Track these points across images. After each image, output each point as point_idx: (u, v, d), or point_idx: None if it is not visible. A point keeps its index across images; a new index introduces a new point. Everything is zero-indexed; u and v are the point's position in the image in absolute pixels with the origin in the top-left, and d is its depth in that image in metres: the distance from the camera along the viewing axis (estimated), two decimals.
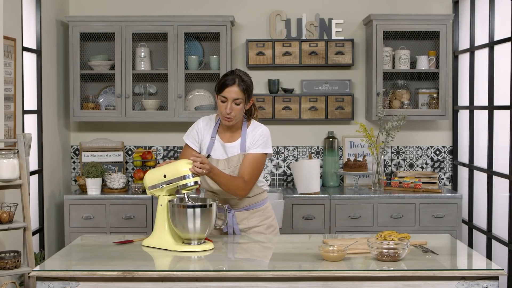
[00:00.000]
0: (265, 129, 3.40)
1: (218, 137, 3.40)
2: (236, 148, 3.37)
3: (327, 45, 5.18)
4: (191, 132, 3.46)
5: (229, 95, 3.26)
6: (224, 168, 3.33)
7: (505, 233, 4.39)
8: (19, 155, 3.67)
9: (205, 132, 3.42)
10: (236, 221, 3.39)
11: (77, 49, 5.03)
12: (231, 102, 3.26)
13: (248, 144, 3.36)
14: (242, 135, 3.38)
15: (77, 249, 3.06)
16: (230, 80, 3.27)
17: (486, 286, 2.62)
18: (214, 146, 3.38)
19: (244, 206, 3.40)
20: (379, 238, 3.01)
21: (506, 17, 4.37)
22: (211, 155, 3.36)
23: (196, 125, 3.46)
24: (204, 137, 3.42)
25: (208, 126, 3.44)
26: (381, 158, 5.12)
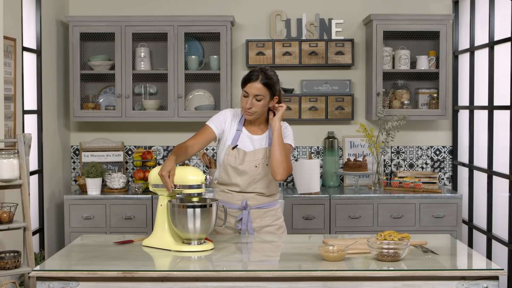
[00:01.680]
0: (287, 124, 3.49)
1: (245, 129, 3.40)
2: (263, 140, 3.40)
3: (327, 45, 5.18)
4: (218, 117, 3.42)
5: (250, 90, 3.28)
6: (250, 160, 3.34)
7: (505, 233, 4.39)
8: (19, 155, 3.67)
9: (232, 123, 3.41)
10: (250, 219, 3.39)
11: (77, 49, 5.03)
12: (252, 97, 3.28)
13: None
14: (269, 129, 3.40)
15: (77, 249, 3.06)
16: (254, 76, 3.29)
17: (486, 286, 2.62)
18: (240, 138, 3.38)
19: (259, 204, 3.41)
20: (379, 238, 3.01)
21: (506, 17, 4.37)
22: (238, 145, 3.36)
23: (224, 112, 3.44)
24: (230, 128, 3.40)
25: (235, 118, 3.43)
26: (381, 158, 5.12)
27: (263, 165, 3.35)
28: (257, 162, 3.35)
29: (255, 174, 3.35)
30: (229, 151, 3.36)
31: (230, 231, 3.40)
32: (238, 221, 3.38)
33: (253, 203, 3.40)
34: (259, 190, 3.39)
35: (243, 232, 3.38)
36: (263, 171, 3.36)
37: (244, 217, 3.37)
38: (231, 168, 3.35)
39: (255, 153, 3.36)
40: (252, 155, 3.35)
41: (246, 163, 3.33)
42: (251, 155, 3.35)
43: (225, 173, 3.38)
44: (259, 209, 3.42)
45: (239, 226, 3.38)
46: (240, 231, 3.39)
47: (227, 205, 3.37)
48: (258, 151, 3.36)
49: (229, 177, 3.38)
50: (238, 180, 3.35)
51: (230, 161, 3.35)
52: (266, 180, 3.39)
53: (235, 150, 3.35)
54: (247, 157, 3.34)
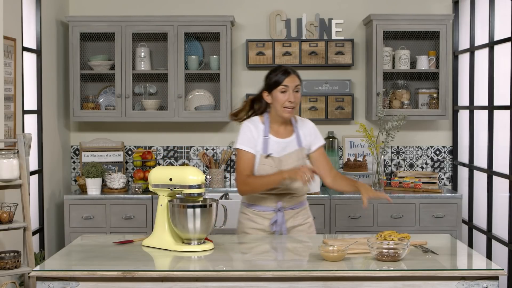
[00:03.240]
0: (311, 121, 3.53)
1: (271, 135, 3.38)
2: (293, 143, 3.40)
3: (327, 45, 5.18)
4: (245, 137, 3.37)
5: (291, 83, 3.29)
6: (286, 165, 3.33)
7: (505, 233, 4.39)
8: (19, 155, 3.67)
9: (257, 133, 3.38)
10: (284, 220, 3.40)
11: (77, 49, 5.03)
12: (292, 90, 3.30)
13: (307, 140, 3.43)
14: (295, 130, 3.42)
15: (77, 249, 3.06)
16: (286, 72, 3.32)
17: (486, 286, 2.62)
18: (269, 145, 3.36)
19: (292, 205, 3.43)
20: (379, 238, 3.01)
21: (506, 17, 4.37)
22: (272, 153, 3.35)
23: (247, 129, 3.38)
24: (258, 138, 3.37)
25: (258, 127, 3.39)
26: (381, 158, 5.12)
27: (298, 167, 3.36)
28: (292, 165, 3.34)
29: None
30: (263, 159, 3.34)
31: (263, 233, 3.41)
32: (273, 224, 3.39)
33: (287, 204, 3.41)
34: (293, 191, 3.41)
35: (277, 233, 3.39)
36: None
37: (279, 219, 3.39)
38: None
39: (289, 157, 3.36)
40: (287, 159, 3.35)
41: (283, 169, 3.32)
42: (286, 160, 3.35)
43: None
44: (293, 210, 3.44)
45: (273, 228, 3.39)
46: (275, 233, 3.40)
47: (261, 208, 3.39)
48: (291, 155, 3.36)
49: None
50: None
51: (267, 170, 3.33)
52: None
53: (269, 159, 3.33)
54: (283, 162, 3.34)
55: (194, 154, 5.40)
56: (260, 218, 3.41)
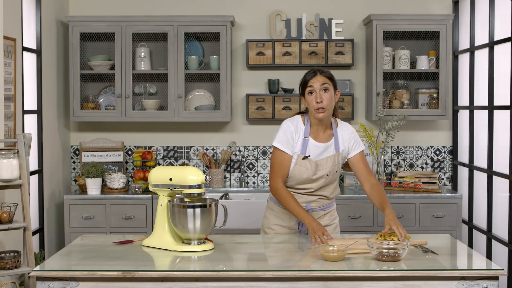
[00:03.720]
0: (351, 126, 3.46)
1: (311, 138, 3.34)
2: (331, 147, 3.35)
3: (327, 45, 5.18)
4: (284, 136, 3.33)
5: (315, 84, 3.24)
6: (322, 169, 3.32)
7: (505, 233, 4.39)
8: (19, 155, 3.67)
9: (297, 134, 3.34)
10: None
11: (77, 49, 5.03)
12: (319, 90, 3.23)
13: (345, 145, 3.37)
14: (335, 135, 3.36)
15: (77, 249, 3.06)
16: (312, 73, 3.28)
17: (486, 286, 2.62)
18: (308, 146, 3.32)
19: (321, 206, 3.43)
20: (379, 238, 3.01)
21: (506, 17, 4.37)
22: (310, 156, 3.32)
23: (287, 128, 3.34)
24: (298, 139, 3.33)
25: (298, 127, 3.35)
26: (381, 158, 5.12)
27: (333, 172, 3.36)
28: (328, 170, 3.33)
29: (326, 181, 3.36)
30: (300, 161, 3.31)
31: (288, 231, 3.41)
32: (299, 223, 3.39)
33: (316, 205, 3.42)
34: (324, 194, 3.41)
35: (303, 233, 3.39)
36: (333, 178, 3.38)
37: None
38: (303, 178, 3.34)
39: (326, 161, 3.33)
40: (323, 164, 3.33)
41: (319, 173, 3.32)
42: (322, 164, 3.32)
43: (294, 180, 3.36)
44: (320, 211, 3.44)
45: (299, 228, 3.39)
46: (300, 232, 3.40)
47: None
48: (328, 160, 3.34)
49: (299, 184, 3.37)
50: (311, 185, 3.36)
51: (302, 172, 3.31)
52: (334, 185, 3.42)
53: (306, 161, 3.31)
54: (319, 166, 3.32)
55: (194, 154, 5.40)
56: (287, 217, 3.41)
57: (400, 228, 3.03)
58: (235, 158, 5.38)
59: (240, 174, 5.37)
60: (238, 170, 5.38)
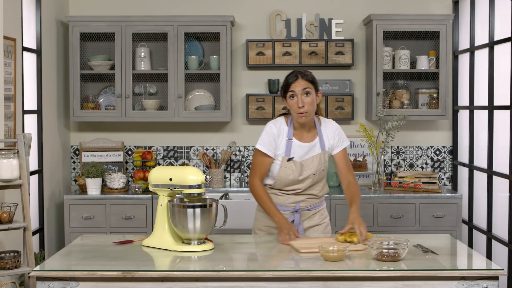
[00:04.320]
0: (335, 122, 3.48)
1: (295, 139, 3.35)
2: (316, 146, 3.37)
3: (327, 45, 5.18)
4: (267, 139, 3.35)
5: (297, 88, 3.25)
6: (308, 169, 3.33)
7: (505, 233, 4.39)
8: (19, 155, 3.67)
9: (280, 136, 3.35)
10: (301, 221, 3.41)
11: (77, 49, 5.03)
12: (301, 94, 3.25)
13: (330, 143, 3.40)
14: (319, 133, 3.39)
15: (77, 249, 3.06)
16: (293, 76, 3.29)
17: (486, 286, 2.63)
18: (292, 148, 3.34)
19: (310, 206, 3.44)
20: (339, 238, 3.06)
21: (506, 17, 4.37)
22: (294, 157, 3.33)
23: (270, 130, 3.36)
24: (281, 141, 3.35)
25: (282, 129, 3.37)
26: (381, 158, 5.12)
27: (319, 171, 3.37)
28: (314, 169, 3.35)
29: (313, 181, 3.37)
30: (285, 163, 3.33)
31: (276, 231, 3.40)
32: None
33: (305, 205, 3.43)
34: (313, 192, 3.42)
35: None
36: (320, 176, 3.39)
37: (296, 220, 3.40)
38: (289, 180, 3.35)
39: (311, 161, 3.35)
40: (308, 164, 3.34)
41: (305, 173, 3.34)
42: (308, 164, 3.34)
43: (281, 183, 3.37)
44: (310, 211, 3.45)
45: None
46: None
47: (279, 207, 3.37)
48: (313, 159, 3.35)
49: (286, 186, 3.38)
50: (298, 186, 3.37)
51: (288, 174, 3.33)
52: (322, 183, 3.43)
53: (291, 162, 3.32)
54: (304, 167, 3.33)
55: (194, 154, 5.40)
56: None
57: (362, 228, 3.08)
58: (235, 158, 5.38)
59: (240, 174, 5.37)
60: (238, 170, 5.38)
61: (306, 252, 2.90)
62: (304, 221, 3.44)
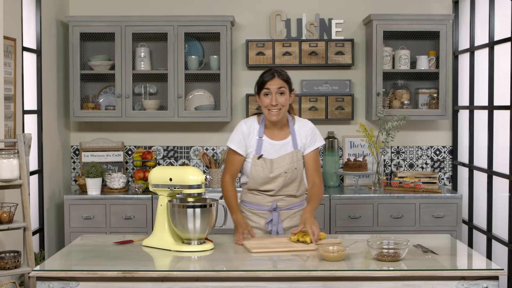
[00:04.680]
0: (310, 122, 3.49)
1: (266, 136, 3.38)
2: (288, 145, 3.39)
3: (327, 45, 5.18)
4: (236, 136, 3.41)
5: (272, 86, 3.30)
6: (279, 167, 3.34)
7: (505, 233, 4.39)
8: (19, 155, 3.67)
9: (250, 134, 3.39)
10: (280, 220, 3.41)
11: (77, 49, 5.03)
12: (275, 93, 3.30)
13: (303, 142, 3.41)
14: (292, 132, 3.40)
15: (77, 249, 3.06)
16: (270, 75, 3.33)
17: (486, 286, 2.63)
18: (263, 146, 3.36)
19: (289, 205, 3.44)
20: (292, 238, 3.07)
21: (506, 17, 4.37)
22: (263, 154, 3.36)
23: (239, 128, 3.42)
24: (251, 139, 3.39)
25: (252, 127, 3.41)
26: (381, 158, 5.12)
27: (292, 169, 3.37)
28: (285, 168, 3.35)
29: (285, 179, 3.37)
30: (255, 160, 3.35)
31: (259, 231, 3.42)
32: (268, 223, 3.40)
33: (283, 204, 3.43)
34: (289, 193, 3.42)
35: (274, 233, 3.40)
36: (293, 175, 3.38)
37: (274, 219, 3.40)
38: (261, 178, 3.36)
39: (283, 159, 3.36)
40: (279, 162, 3.35)
41: (275, 171, 3.34)
42: (279, 162, 3.35)
43: (254, 181, 3.38)
44: (289, 210, 3.45)
45: (269, 227, 3.41)
46: (271, 232, 3.41)
47: (257, 206, 3.40)
48: (285, 157, 3.36)
49: (260, 185, 3.39)
50: (271, 186, 3.37)
51: (259, 171, 3.35)
52: (297, 182, 3.42)
53: (261, 160, 3.34)
54: (275, 164, 3.34)
55: (194, 154, 5.40)
56: (256, 217, 3.43)
57: (314, 227, 3.11)
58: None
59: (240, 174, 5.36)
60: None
61: (257, 252, 2.91)
62: (284, 220, 3.43)
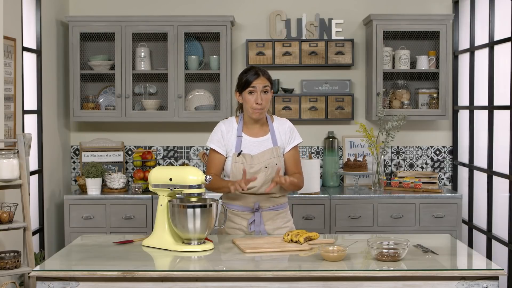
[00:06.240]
0: (289, 121, 3.53)
1: (245, 134, 3.42)
2: (268, 141, 3.42)
3: (327, 45, 5.18)
4: (215, 136, 3.45)
5: (259, 85, 3.33)
6: (259, 162, 3.36)
7: (505, 233, 4.39)
8: (19, 155, 3.67)
9: (229, 133, 3.43)
10: (263, 221, 3.41)
11: (77, 49, 5.03)
12: (260, 91, 3.33)
13: (282, 140, 3.44)
14: (271, 130, 3.44)
15: (77, 249, 3.06)
16: (254, 74, 3.35)
17: (486, 286, 2.63)
18: (242, 144, 3.40)
19: (271, 206, 3.44)
20: (285, 238, 3.05)
21: (506, 17, 4.37)
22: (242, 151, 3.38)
23: (218, 128, 3.46)
24: (230, 138, 3.42)
25: (231, 127, 3.45)
26: (381, 158, 5.12)
27: (272, 165, 3.38)
28: (266, 163, 3.37)
29: (266, 175, 3.37)
30: (235, 158, 3.37)
31: (241, 233, 3.41)
32: (251, 223, 3.40)
33: (266, 205, 3.42)
34: (271, 191, 3.40)
35: (257, 233, 3.39)
36: (273, 170, 3.38)
37: (256, 219, 3.40)
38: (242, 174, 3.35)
39: (262, 155, 3.38)
40: (259, 157, 3.37)
41: (256, 166, 3.36)
42: (258, 158, 3.37)
43: (235, 179, 3.37)
44: (271, 211, 3.44)
45: (252, 228, 3.40)
46: (254, 233, 3.40)
47: (239, 208, 3.41)
48: (264, 153, 3.38)
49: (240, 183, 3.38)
50: (253, 183, 3.36)
51: (239, 168, 3.36)
52: None
53: (241, 156, 3.37)
54: (255, 159, 3.37)
55: (194, 154, 5.40)
56: (239, 218, 3.43)
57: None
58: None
59: None
60: None
61: (251, 252, 2.91)
62: (267, 222, 3.42)
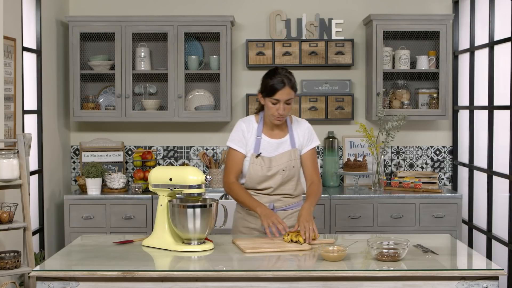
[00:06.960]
0: (307, 122, 3.51)
1: (264, 135, 3.40)
2: (286, 143, 3.41)
3: (327, 45, 5.18)
4: (236, 135, 3.42)
5: (282, 97, 3.28)
6: (277, 165, 3.35)
7: (505, 233, 4.39)
8: (19, 155, 3.67)
9: (249, 132, 3.41)
10: None
11: (77, 49, 5.03)
12: (283, 103, 3.29)
13: (300, 141, 3.43)
14: (290, 131, 3.43)
15: (77, 249, 3.06)
16: (280, 83, 3.27)
17: (486, 286, 2.63)
18: (261, 145, 3.38)
19: (286, 206, 3.44)
20: (285, 238, 3.04)
21: (506, 17, 4.37)
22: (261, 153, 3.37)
23: (239, 127, 3.43)
24: (250, 138, 3.40)
25: (251, 126, 3.42)
26: (381, 158, 5.12)
27: (289, 167, 3.37)
28: (283, 165, 3.36)
29: (283, 177, 3.37)
30: (253, 159, 3.36)
31: (256, 232, 3.41)
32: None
33: (280, 205, 3.42)
34: (287, 192, 3.42)
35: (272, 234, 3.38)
36: (290, 173, 3.38)
37: None
38: (258, 176, 3.36)
39: (280, 157, 3.37)
40: (277, 160, 3.36)
41: (273, 168, 3.35)
42: (277, 160, 3.36)
43: (252, 180, 3.38)
44: (286, 211, 3.44)
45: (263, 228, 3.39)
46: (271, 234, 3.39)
47: None
48: (283, 155, 3.37)
49: (258, 184, 3.38)
50: (268, 184, 3.37)
51: (257, 170, 3.35)
52: (294, 181, 3.42)
53: (259, 158, 3.35)
54: (273, 162, 3.36)
55: (194, 154, 5.40)
56: (253, 218, 3.42)
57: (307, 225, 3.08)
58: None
59: None
60: None
61: (251, 252, 2.91)
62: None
